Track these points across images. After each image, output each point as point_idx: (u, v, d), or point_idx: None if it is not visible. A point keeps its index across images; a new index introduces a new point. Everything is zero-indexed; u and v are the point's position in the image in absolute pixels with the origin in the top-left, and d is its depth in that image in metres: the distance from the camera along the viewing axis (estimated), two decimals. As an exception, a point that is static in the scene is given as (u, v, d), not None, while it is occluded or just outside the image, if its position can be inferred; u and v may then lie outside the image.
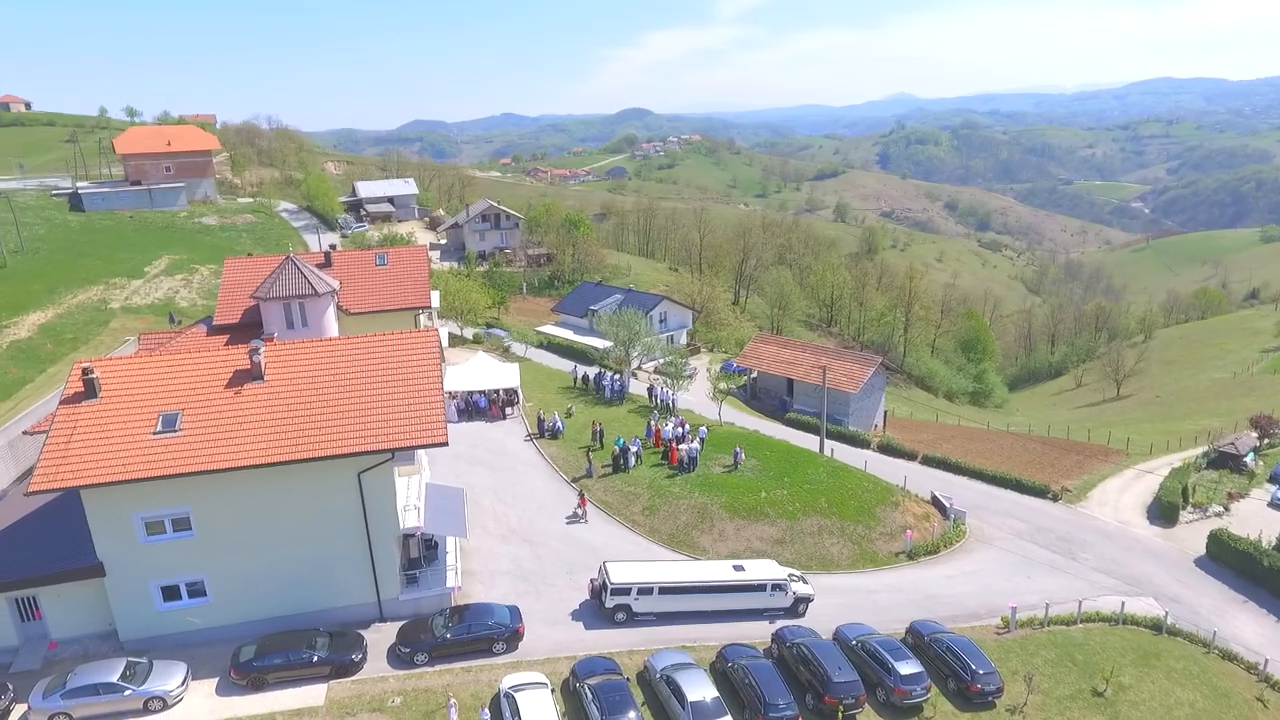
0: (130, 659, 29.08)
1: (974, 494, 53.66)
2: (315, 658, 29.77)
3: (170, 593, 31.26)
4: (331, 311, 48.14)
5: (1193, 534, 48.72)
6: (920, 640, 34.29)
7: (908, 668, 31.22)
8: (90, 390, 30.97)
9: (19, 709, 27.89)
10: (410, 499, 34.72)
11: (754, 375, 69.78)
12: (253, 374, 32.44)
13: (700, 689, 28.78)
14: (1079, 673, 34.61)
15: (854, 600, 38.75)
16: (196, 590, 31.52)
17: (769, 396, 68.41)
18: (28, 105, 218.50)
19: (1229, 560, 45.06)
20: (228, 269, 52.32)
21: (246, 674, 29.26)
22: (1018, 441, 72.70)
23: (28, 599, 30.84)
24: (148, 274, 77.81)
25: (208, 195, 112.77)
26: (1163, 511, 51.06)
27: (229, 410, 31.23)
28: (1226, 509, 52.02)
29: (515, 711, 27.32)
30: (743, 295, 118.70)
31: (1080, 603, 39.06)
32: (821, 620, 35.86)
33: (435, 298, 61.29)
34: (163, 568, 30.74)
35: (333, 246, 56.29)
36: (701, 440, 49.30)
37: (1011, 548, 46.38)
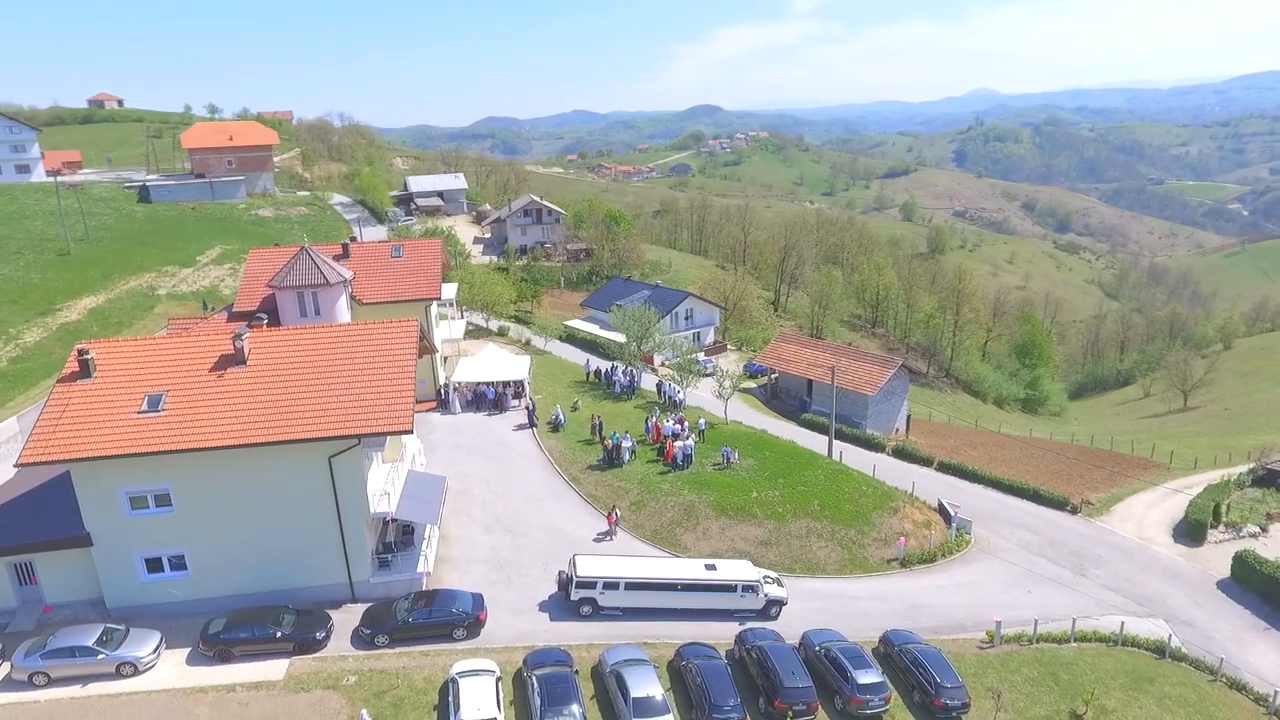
0: (109, 625, 30.70)
1: (987, 503, 51.78)
2: (279, 634, 30.84)
3: (153, 565, 32.81)
4: (344, 301, 49.60)
5: (1220, 555, 45.89)
6: (890, 650, 33.39)
7: (867, 677, 30.42)
8: (85, 370, 32.78)
9: (4, 667, 29.75)
10: (386, 485, 35.47)
11: (775, 375, 68.84)
12: (235, 359, 33.77)
13: (645, 685, 28.67)
14: (1060, 693, 33.09)
15: (835, 606, 37.93)
16: (178, 564, 32.99)
17: (790, 397, 67.36)
18: (120, 103, 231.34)
19: (1254, 584, 42.31)
20: (251, 259, 54.56)
21: (214, 646, 30.54)
22: (1054, 450, 69.72)
23: (25, 565, 32.85)
24: (199, 263, 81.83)
25: (266, 188, 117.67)
26: (1189, 530, 48.26)
27: (210, 392, 32.59)
28: (1264, 530, 48.80)
29: (455, 696, 27.79)
30: (784, 293, 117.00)
31: (1074, 620, 37.31)
32: (798, 625, 35.24)
33: (453, 290, 62.59)
34: (146, 540, 32.28)
35: (352, 238, 57.89)
36: (701, 432, 48.93)
37: (1016, 560, 44.61)
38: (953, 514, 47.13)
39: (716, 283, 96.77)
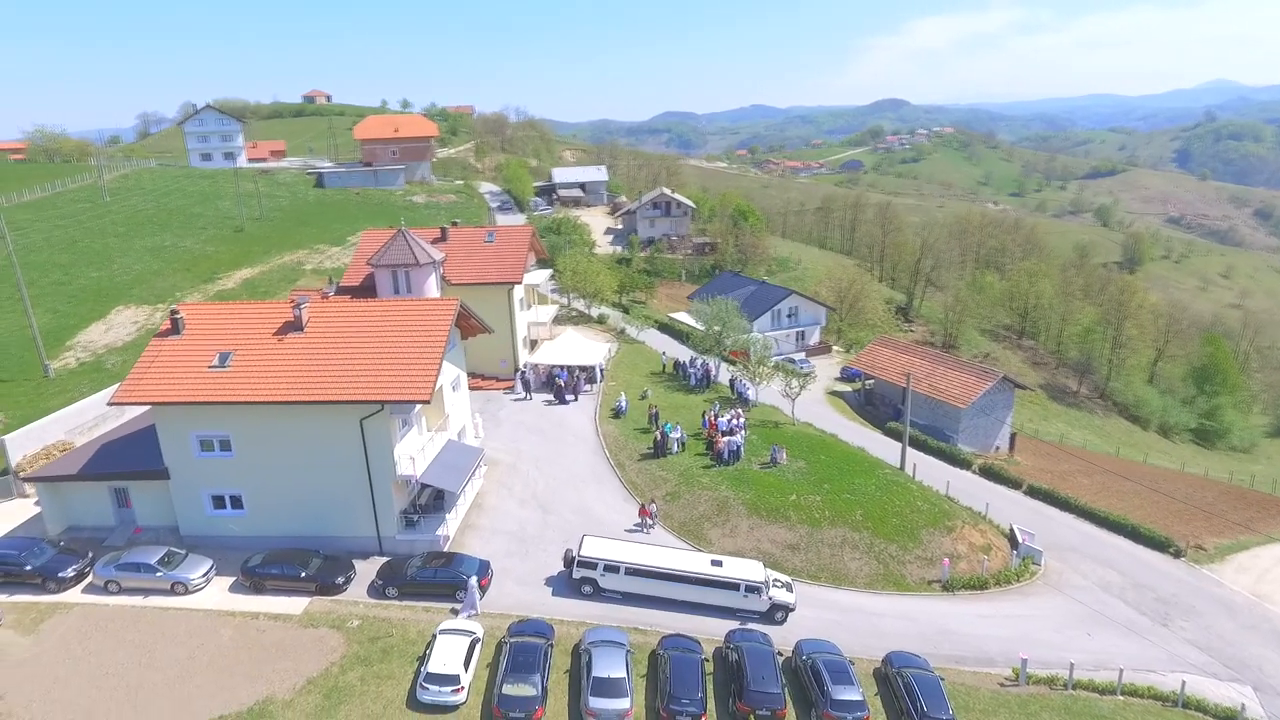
0: (171, 549, 35.39)
1: (1074, 534, 47.17)
2: (303, 574, 34.21)
3: (218, 501, 37.44)
4: (433, 280, 53.26)
5: (1354, 624, 39.17)
6: (889, 671, 31.68)
7: (843, 694, 29.12)
8: (175, 328, 37.82)
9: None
10: (420, 450, 38.01)
11: (870, 381, 65.91)
12: (295, 325, 37.60)
13: (609, 667, 29.10)
14: (1078, 747, 29.94)
15: (852, 620, 36.30)
16: (237, 503, 37.40)
17: (884, 404, 64.21)
18: (328, 98, 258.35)
19: (1384, 662, 35.78)
20: (363, 240, 59.82)
21: (250, 578, 34.43)
22: (1192, 486, 61.83)
23: (122, 490, 38.55)
24: (347, 242, 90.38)
25: (424, 177, 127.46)
26: (1319, 591, 41.46)
27: (269, 353, 36.59)
28: None
29: (431, 650, 29.71)
30: (919, 296, 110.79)
31: (1121, 671, 33.43)
32: (807, 633, 34.12)
33: (542, 276, 65.13)
34: (211, 479, 36.90)
35: (454, 223, 61.82)
36: (742, 426, 48.13)
37: (1086, 599, 40.40)
38: (1021, 541, 43.41)
39: (834, 281, 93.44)
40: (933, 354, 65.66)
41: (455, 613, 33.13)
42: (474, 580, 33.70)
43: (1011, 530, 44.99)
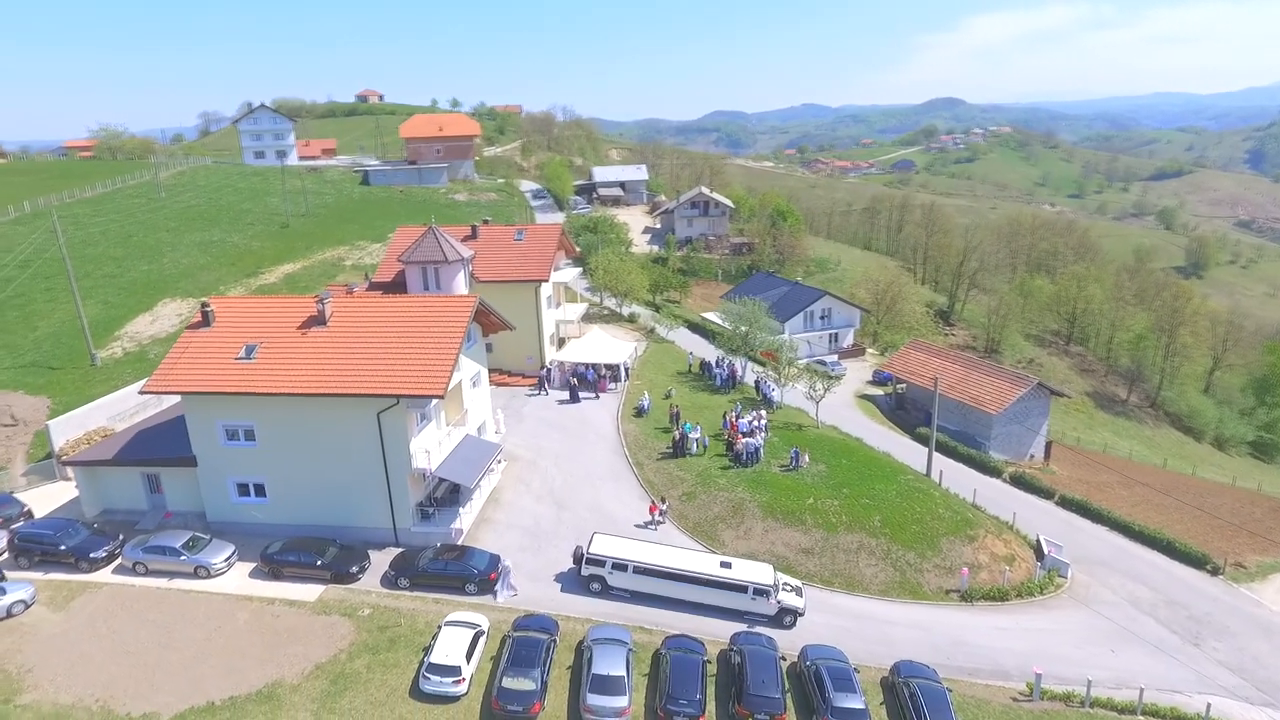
0: (195, 534, 36.61)
1: (1105, 548, 45.71)
2: (319, 562, 35.06)
3: (242, 489, 38.57)
4: (462, 277, 53.96)
5: (1402, 651, 37.14)
6: (896, 680, 31.13)
7: (845, 701, 28.73)
8: (206, 320, 39.08)
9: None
10: (436, 444, 38.60)
11: (903, 386, 64.71)
12: (318, 320, 38.51)
13: (608, 665, 29.21)
14: (1090, 766, 29.02)
15: (863, 627, 35.75)
16: (260, 490, 38.47)
17: (916, 409, 62.99)
18: (380, 97, 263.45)
19: None
20: (396, 236, 60.92)
21: (269, 564, 35.41)
22: (1240, 500, 59.33)
23: (153, 476, 40.00)
24: (388, 239, 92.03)
25: (467, 175, 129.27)
26: (1367, 615, 39.40)
27: (292, 346, 37.56)
28: None
29: (435, 640, 30.21)
30: (962, 299, 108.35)
31: (1142, 690, 32.27)
32: (816, 639, 33.72)
33: (571, 274, 65.47)
34: (236, 467, 38.04)
35: (485, 220, 62.60)
36: (763, 428, 47.71)
37: (1113, 615, 39.13)
38: (1047, 553, 42.20)
39: (872, 282, 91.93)
40: (966, 359, 64.17)
41: (495, 595, 34.45)
42: (508, 562, 35.19)
43: (1038, 541, 43.80)
